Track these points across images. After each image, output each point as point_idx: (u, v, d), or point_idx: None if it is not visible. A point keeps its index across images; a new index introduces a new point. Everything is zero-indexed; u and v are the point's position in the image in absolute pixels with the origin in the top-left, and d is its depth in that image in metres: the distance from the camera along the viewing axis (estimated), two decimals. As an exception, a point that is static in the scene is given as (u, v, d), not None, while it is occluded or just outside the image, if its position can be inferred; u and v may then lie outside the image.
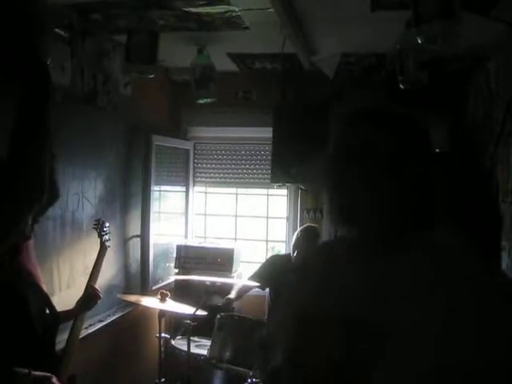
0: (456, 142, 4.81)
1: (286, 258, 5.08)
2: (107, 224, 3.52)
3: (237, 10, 3.55)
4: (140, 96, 4.74)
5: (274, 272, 4.86)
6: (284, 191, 5.81)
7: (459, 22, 2.31)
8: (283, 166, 5.21)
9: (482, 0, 2.70)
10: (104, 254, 3.33)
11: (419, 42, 2.56)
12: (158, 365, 4.29)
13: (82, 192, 3.96)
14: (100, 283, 3.19)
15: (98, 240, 3.40)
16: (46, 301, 2.67)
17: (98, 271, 3.23)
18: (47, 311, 2.68)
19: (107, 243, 3.39)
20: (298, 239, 4.88)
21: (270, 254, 5.89)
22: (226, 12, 3.59)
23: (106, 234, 3.43)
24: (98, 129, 4.17)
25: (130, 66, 3.42)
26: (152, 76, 3.44)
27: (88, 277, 3.18)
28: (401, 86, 3.80)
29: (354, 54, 4.62)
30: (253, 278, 4.93)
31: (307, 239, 4.83)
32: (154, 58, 3.33)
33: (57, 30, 3.54)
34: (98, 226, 3.47)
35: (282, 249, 5.94)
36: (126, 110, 4.54)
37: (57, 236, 3.70)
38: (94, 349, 4.12)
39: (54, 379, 2.42)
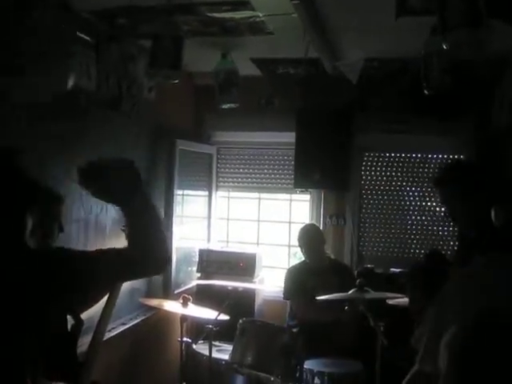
0: (482, 149, 4.77)
1: (302, 265, 5.12)
2: None
3: (260, 15, 3.55)
4: (164, 100, 4.76)
5: (296, 282, 4.91)
6: (307, 196, 5.79)
7: (486, 30, 2.29)
8: (306, 171, 5.21)
9: (510, 7, 2.67)
10: None
11: (444, 48, 2.53)
12: (180, 369, 4.31)
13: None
14: (122, 287, 3.19)
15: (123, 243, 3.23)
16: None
17: None
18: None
19: None
20: (301, 238, 5.01)
21: (292, 260, 5.90)
22: (250, 17, 3.59)
23: None
24: (122, 133, 4.20)
25: (154, 70, 3.43)
26: (176, 81, 3.45)
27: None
28: (425, 91, 3.77)
29: (377, 59, 4.60)
30: (286, 295, 5.02)
31: (308, 237, 4.99)
32: (178, 63, 3.34)
33: (83, 35, 3.58)
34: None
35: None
36: (150, 114, 4.57)
37: (80, 239, 3.73)
38: (116, 352, 4.15)
39: None
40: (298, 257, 6.07)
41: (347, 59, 4.48)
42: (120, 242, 3.26)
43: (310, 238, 4.97)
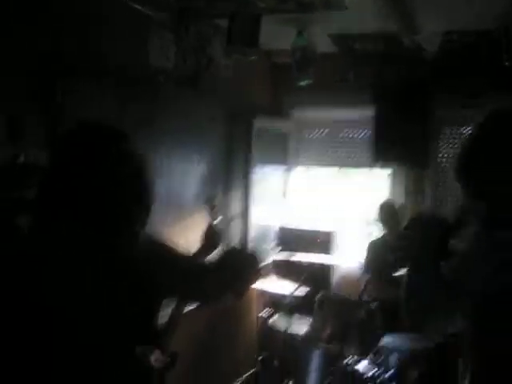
0: None
1: (381, 239, 5.14)
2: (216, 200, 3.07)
3: (336, -11, 3.54)
4: (241, 79, 4.80)
5: (375, 257, 4.92)
6: (386, 173, 5.72)
7: None
8: (384, 147, 5.16)
9: None
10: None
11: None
12: (257, 342, 4.39)
13: (186, 172, 4.08)
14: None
15: (202, 219, 2.99)
16: None
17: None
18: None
19: (216, 221, 2.86)
20: (378, 215, 5.11)
21: (368, 237, 5.87)
22: (325, -8, 3.58)
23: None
24: (201, 111, 4.26)
25: (231, 48, 3.49)
26: (253, 58, 3.49)
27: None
28: (506, 63, 3.67)
29: (456, 31, 4.50)
30: (365, 269, 5.04)
31: (386, 213, 5.06)
32: (255, 41, 3.38)
33: (161, 16, 3.65)
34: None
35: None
36: (228, 92, 4.62)
37: (161, 215, 3.81)
38: (195, 325, 4.23)
39: (157, 353, 2.47)
40: (373, 235, 6.03)
41: (425, 32, 4.41)
42: (198, 217, 3.33)
43: (387, 216, 4.98)
